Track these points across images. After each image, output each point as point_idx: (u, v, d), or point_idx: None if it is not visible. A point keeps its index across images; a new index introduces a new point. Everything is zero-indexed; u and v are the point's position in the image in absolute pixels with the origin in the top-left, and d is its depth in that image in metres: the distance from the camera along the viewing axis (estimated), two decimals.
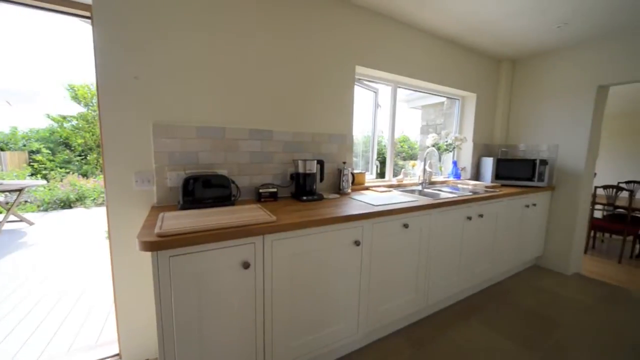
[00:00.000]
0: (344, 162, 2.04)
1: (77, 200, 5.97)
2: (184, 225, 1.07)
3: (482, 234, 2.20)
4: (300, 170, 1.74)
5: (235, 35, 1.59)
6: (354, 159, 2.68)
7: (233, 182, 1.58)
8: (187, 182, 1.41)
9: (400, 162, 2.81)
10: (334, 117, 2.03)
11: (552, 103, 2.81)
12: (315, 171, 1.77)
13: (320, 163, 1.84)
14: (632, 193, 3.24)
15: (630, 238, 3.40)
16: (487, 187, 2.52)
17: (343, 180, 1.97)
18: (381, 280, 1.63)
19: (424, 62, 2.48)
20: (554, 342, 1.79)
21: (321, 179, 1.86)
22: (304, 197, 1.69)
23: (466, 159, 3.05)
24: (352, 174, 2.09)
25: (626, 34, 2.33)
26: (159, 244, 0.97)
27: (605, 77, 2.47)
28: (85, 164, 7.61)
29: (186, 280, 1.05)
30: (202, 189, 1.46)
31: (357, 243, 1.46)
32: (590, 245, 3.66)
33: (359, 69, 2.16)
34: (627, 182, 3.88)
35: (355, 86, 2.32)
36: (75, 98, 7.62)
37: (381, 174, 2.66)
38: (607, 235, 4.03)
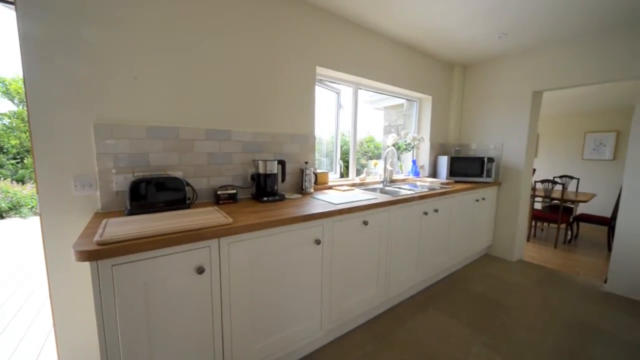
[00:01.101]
0: (306, 162, 2.06)
1: (10, 209, 5.29)
2: (129, 232, 1.00)
3: (438, 227, 2.35)
4: (261, 170, 1.71)
5: (191, 32, 1.53)
6: (322, 159, 2.72)
7: (188, 185, 1.51)
8: (135, 185, 1.32)
9: (363, 162, 2.88)
10: (296, 117, 2.03)
11: (497, 106, 3.09)
12: (276, 171, 1.76)
13: (282, 163, 1.83)
14: (564, 186, 3.68)
15: (564, 226, 3.85)
16: (442, 183, 2.69)
17: (305, 180, 1.98)
18: (343, 277, 1.66)
19: (383, 65, 2.58)
20: (500, 323, 1.97)
21: (283, 179, 1.85)
22: (265, 198, 1.67)
23: (424, 158, 3.23)
24: (315, 174, 2.11)
25: (554, 47, 2.63)
26: (98, 253, 0.89)
27: (538, 84, 2.77)
28: (22, 168, 6.77)
29: (133, 290, 0.98)
30: (153, 193, 1.37)
31: (317, 242, 1.48)
32: (532, 234, 4.08)
33: (320, 70, 2.19)
34: (561, 177, 4.38)
35: (318, 87, 2.35)
36: (7, 93, 6.74)
37: (345, 174, 2.72)
38: (545, 224, 4.53)
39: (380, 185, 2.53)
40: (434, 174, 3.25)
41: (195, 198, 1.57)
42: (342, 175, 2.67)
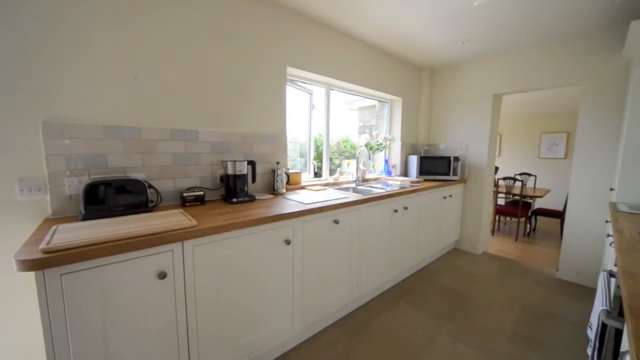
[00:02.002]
0: (278, 163, 2.05)
1: None
2: (81, 238, 0.95)
3: (408, 224, 2.44)
4: (230, 171, 1.68)
5: (151, 29, 1.46)
6: (299, 159, 2.71)
7: (151, 187, 1.45)
8: (90, 188, 1.25)
9: (337, 162, 2.93)
10: (267, 117, 2.02)
11: (462, 108, 3.26)
12: (246, 172, 1.74)
13: (252, 164, 1.81)
14: (522, 183, 3.96)
15: (524, 219, 4.15)
16: (412, 182, 2.80)
17: (277, 181, 1.98)
18: (315, 276, 1.68)
19: (354, 66, 2.64)
20: (464, 312, 2.08)
21: (253, 180, 1.83)
22: (234, 200, 1.65)
23: (396, 157, 3.34)
24: (287, 174, 2.11)
25: (511, 54, 2.83)
26: (43, 262, 0.84)
27: (498, 87, 2.97)
28: None
29: (87, 299, 0.93)
30: (112, 196, 1.31)
31: (287, 242, 1.48)
32: (496, 228, 4.36)
33: (291, 70, 2.19)
34: (521, 174, 4.71)
35: (290, 87, 2.35)
36: None
37: (319, 174, 2.74)
38: (508, 218, 4.85)
39: (353, 185, 2.58)
40: (405, 172, 3.36)
41: (159, 201, 1.51)
42: (316, 175, 2.69)
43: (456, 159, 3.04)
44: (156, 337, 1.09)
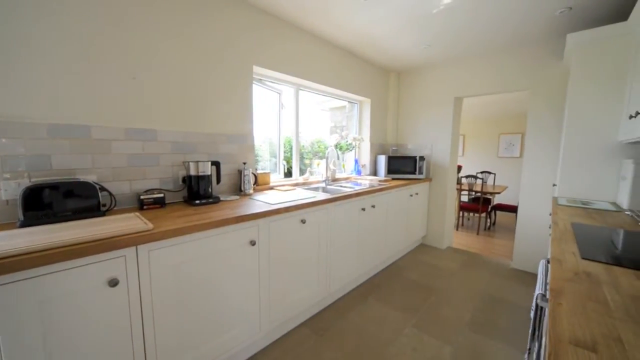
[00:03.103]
0: (245, 163, 2.01)
1: None
2: (15, 247, 0.87)
3: (376, 222, 2.51)
4: (192, 172, 1.63)
5: (108, 20, 1.37)
6: (272, 159, 2.68)
7: (104, 189, 1.36)
8: (30, 192, 1.14)
9: (307, 162, 2.94)
10: (233, 117, 1.98)
11: (426, 109, 3.42)
12: (210, 173, 1.69)
13: (216, 164, 1.76)
14: (483, 180, 4.24)
15: (484, 215, 4.44)
16: (380, 181, 2.89)
17: (244, 181, 1.94)
18: (282, 276, 1.67)
19: (323, 67, 2.66)
20: (428, 304, 2.19)
21: (218, 181, 1.79)
22: (197, 201, 1.59)
23: (366, 157, 3.42)
24: (255, 175, 2.08)
25: (470, 59, 3.02)
26: None
27: (458, 91, 3.15)
28: None
29: (21, 312, 0.85)
30: (59, 200, 1.21)
31: (252, 243, 1.46)
32: (460, 223, 4.62)
33: (258, 69, 2.17)
34: (482, 172, 5.04)
35: (258, 87, 2.32)
36: None
37: (290, 174, 2.73)
38: (471, 214, 5.16)
39: (323, 185, 2.61)
40: (374, 172, 3.46)
41: (113, 204, 1.42)
42: (287, 176, 2.68)
43: (421, 158, 3.18)
44: (108, 349, 1.03)
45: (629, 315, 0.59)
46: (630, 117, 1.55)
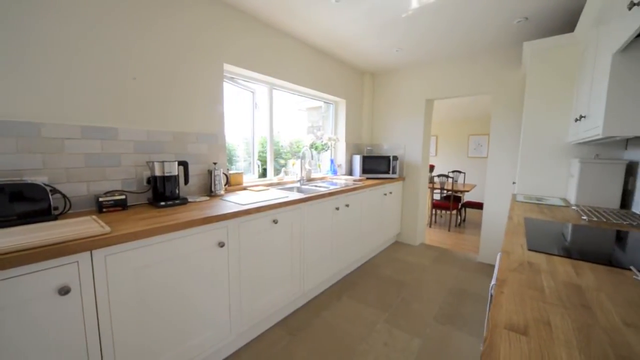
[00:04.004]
0: (215, 163, 1.96)
1: None
2: None
3: (350, 221, 2.55)
4: (157, 173, 1.56)
5: (64, 12, 1.28)
6: (250, 159, 2.63)
7: (56, 192, 1.27)
8: None
9: (282, 162, 2.92)
10: (202, 116, 1.92)
11: (399, 110, 3.53)
12: (176, 173, 1.63)
13: (183, 164, 1.70)
14: (453, 179, 4.44)
15: (455, 212, 4.65)
16: (355, 180, 2.94)
17: (215, 182, 1.90)
18: (253, 277, 1.65)
19: (298, 67, 2.66)
20: (401, 299, 2.26)
21: (186, 182, 1.73)
22: (163, 203, 1.53)
23: (341, 157, 3.46)
24: (226, 175, 2.04)
25: (439, 63, 3.15)
26: None
27: (429, 93, 3.28)
28: None
29: None
30: (2, 204, 1.11)
31: (221, 245, 1.43)
32: (433, 221, 4.81)
33: (230, 68, 2.12)
34: (453, 172, 5.27)
35: (231, 86, 2.27)
36: None
37: (265, 174, 2.71)
38: (443, 211, 5.39)
39: (298, 185, 2.61)
40: (350, 171, 3.51)
41: (67, 207, 1.33)
42: (263, 176, 2.65)
43: (395, 158, 3.27)
44: None
45: (560, 300, 0.64)
46: (576, 120, 1.70)
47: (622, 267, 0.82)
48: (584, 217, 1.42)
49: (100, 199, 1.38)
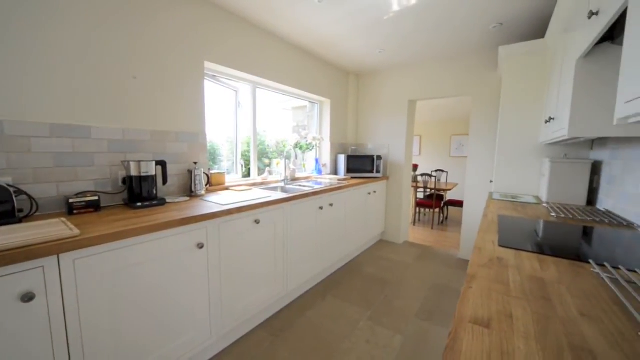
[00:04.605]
0: (195, 163, 1.92)
1: None
2: None
3: (335, 220, 2.57)
4: (133, 173, 1.51)
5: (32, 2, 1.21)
6: (234, 159, 2.59)
7: (22, 193, 1.21)
8: None
9: (266, 161, 2.90)
10: (182, 114, 1.88)
11: (383, 111, 3.58)
12: (154, 173, 1.59)
13: (162, 164, 1.66)
14: (436, 178, 4.55)
15: (438, 210, 4.77)
16: (339, 179, 2.95)
17: (195, 182, 1.86)
18: (235, 278, 1.63)
19: (282, 67, 2.65)
20: (384, 297, 2.29)
21: (164, 182, 1.68)
22: (139, 204, 1.48)
23: (326, 156, 3.47)
24: (207, 175, 2.00)
25: (420, 65, 3.22)
26: None
27: (412, 94, 3.34)
28: None
29: None
30: None
31: (200, 246, 1.40)
32: (417, 219, 4.91)
33: (210, 65, 2.08)
34: (436, 171, 5.40)
35: (212, 84, 2.23)
36: None
37: (250, 173, 2.67)
38: (427, 209, 5.51)
39: (282, 184, 2.60)
40: (335, 171, 3.53)
41: (34, 209, 1.27)
42: (246, 176, 2.62)
43: (379, 157, 3.32)
44: None
45: (523, 294, 0.67)
46: (546, 121, 1.78)
47: (582, 261, 0.87)
48: (553, 214, 1.49)
49: (71, 201, 1.32)
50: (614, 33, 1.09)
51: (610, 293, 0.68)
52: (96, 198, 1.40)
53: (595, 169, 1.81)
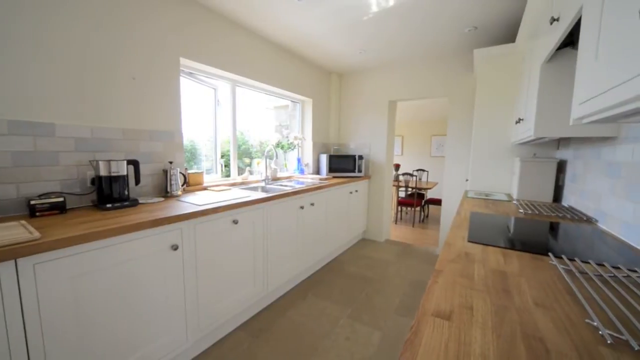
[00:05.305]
0: (171, 162, 1.87)
1: None
2: None
3: (316, 219, 2.57)
4: (103, 172, 1.45)
5: None
6: (220, 159, 2.52)
7: None
8: None
9: (247, 161, 2.86)
10: (155, 112, 1.82)
11: (365, 110, 3.62)
12: (125, 173, 1.52)
13: (134, 163, 1.60)
14: (417, 177, 4.66)
15: (419, 208, 4.89)
16: (321, 179, 2.96)
17: (171, 182, 1.80)
18: (212, 280, 1.60)
19: (263, 65, 2.62)
20: (364, 295, 2.32)
21: (137, 182, 1.62)
22: (109, 205, 1.42)
23: (309, 156, 3.47)
24: (184, 175, 1.95)
25: (400, 66, 3.28)
26: None
27: (392, 95, 3.40)
28: None
29: None
30: None
31: (174, 247, 1.36)
32: (399, 217, 5.01)
33: (187, 62, 2.03)
34: (417, 170, 5.54)
35: (190, 81, 2.18)
36: None
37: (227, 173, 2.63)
38: (408, 208, 5.63)
39: (262, 184, 2.57)
40: (317, 170, 3.53)
41: None
42: (227, 175, 2.57)
43: (360, 157, 3.36)
44: None
45: (485, 286, 0.70)
46: (516, 122, 1.87)
47: (542, 254, 0.92)
48: (521, 211, 1.56)
49: (33, 202, 1.24)
50: (574, 39, 1.16)
51: (564, 283, 0.72)
52: (61, 199, 1.32)
53: (561, 167, 1.92)
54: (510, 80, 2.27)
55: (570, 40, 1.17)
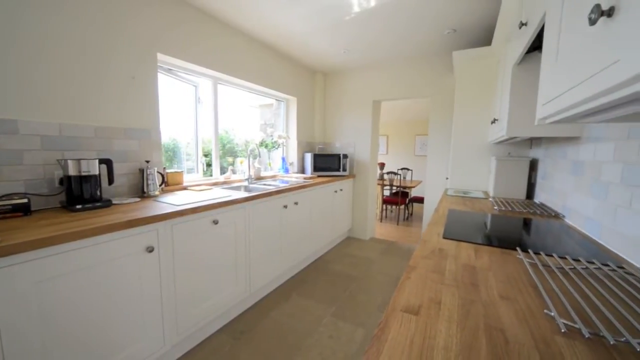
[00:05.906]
0: (147, 161, 1.81)
1: None
2: None
3: (300, 218, 2.56)
4: (72, 172, 1.38)
5: None
6: (205, 158, 2.45)
7: None
8: None
9: (230, 160, 2.82)
10: (131, 108, 1.75)
11: (349, 110, 3.64)
12: (97, 173, 1.46)
13: (106, 162, 1.53)
14: (401, 176, 4.74)
15: (403, 206, 4.98)
16: (305, 178, 2.96)
17: (147, 182, 1.75)
18: (191, 282, 1.56)
19: (246, 63, 2.58)
20: (348, 293, 2.34)
21: (110, 182, 1.56)
22: (79, 206, 1.36)
23: (293, 155, 3.46)
24: (162, 174, 1.89)
25: (385, 67, 3.32)
26: None
27: (376, 94, 3.44)
28: None
29: None
30: None
31: (150, 249, 1.32)
32: (384, 215, 5.08)
33: (165, 58, 1.97)
34: (402, 169, 5.63)
35: (170, 78, 2.11)
36: None
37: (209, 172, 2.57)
38: (393, 206, 5.73)
39: (245, 183, 2.54)
40: (302, 170, 3.52)
41: None
42: (210, 175, 2.52)
43: (345, 156, 3.37)
44: None
45: (455, 281, 0.72)
46: (492, 122, 1.94)
47: (511, 249, 0.96)
48: (496, 207, 1.62)
49: None
50: (542, 43, 1.21)
51: (528, 277, 0.75)
52: (25, 200, 1.25)
53: (533, 166, 2.00)
54: (487, 82, 2.34)
55: (539, 44, 1.23)
